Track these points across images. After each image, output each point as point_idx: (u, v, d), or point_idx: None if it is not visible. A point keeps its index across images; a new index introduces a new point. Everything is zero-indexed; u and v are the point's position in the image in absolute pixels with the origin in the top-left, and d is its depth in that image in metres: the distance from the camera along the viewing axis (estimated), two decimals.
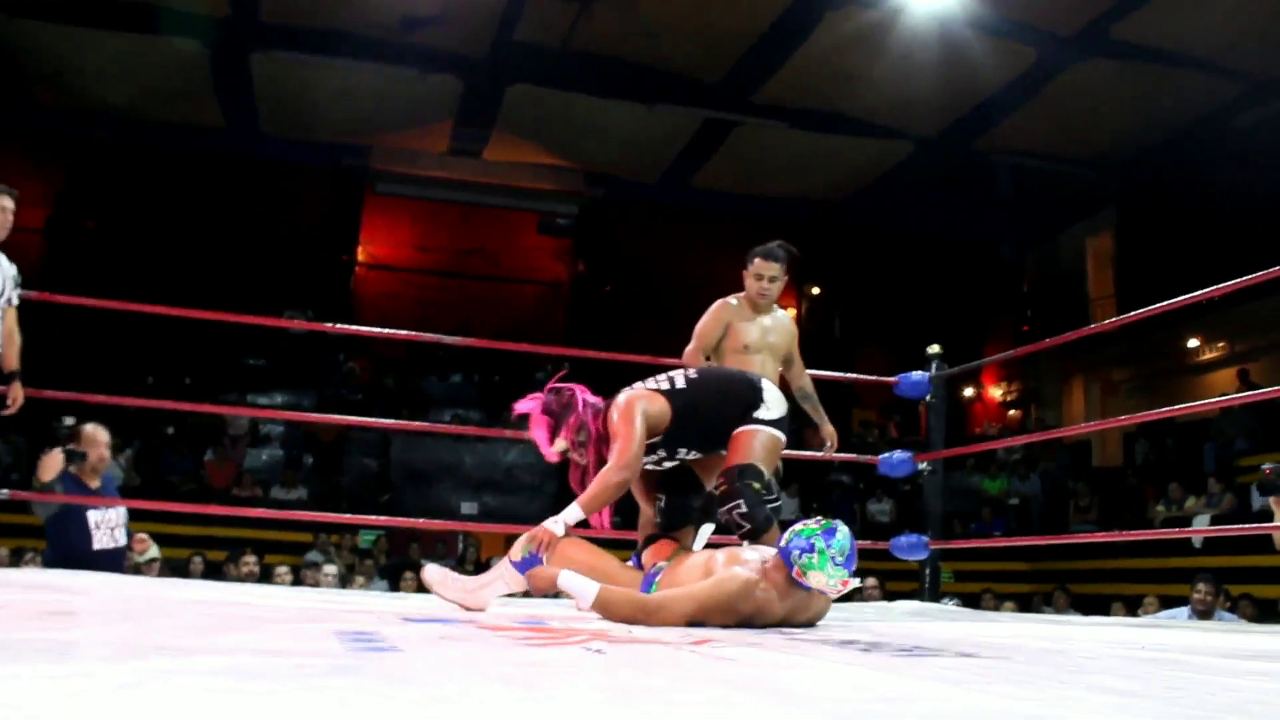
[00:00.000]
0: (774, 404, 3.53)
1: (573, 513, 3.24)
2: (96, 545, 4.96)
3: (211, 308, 5.60)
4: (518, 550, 3.20)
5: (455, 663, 1.75)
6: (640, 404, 3.37)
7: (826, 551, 2.83)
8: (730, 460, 3.44)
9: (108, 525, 5.03)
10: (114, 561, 5.05)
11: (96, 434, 5.11)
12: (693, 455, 3.56)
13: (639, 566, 3.44)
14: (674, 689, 1.55)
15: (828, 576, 2.84)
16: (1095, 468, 15.31)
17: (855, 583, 2.93)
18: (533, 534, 3.21)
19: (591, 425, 3.42)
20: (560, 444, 3.48)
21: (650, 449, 3.42)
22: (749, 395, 3.51)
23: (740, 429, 3.45)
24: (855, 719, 1.33)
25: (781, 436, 3.54)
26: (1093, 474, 14.60)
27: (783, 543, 2.91)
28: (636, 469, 3.34)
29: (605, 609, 2.86)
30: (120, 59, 13.37)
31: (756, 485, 3.39)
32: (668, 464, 3.56)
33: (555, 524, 3.21)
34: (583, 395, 3.49)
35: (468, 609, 3.21)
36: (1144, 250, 15.29)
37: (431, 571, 3.34)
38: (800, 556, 2.84)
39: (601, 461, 3.40)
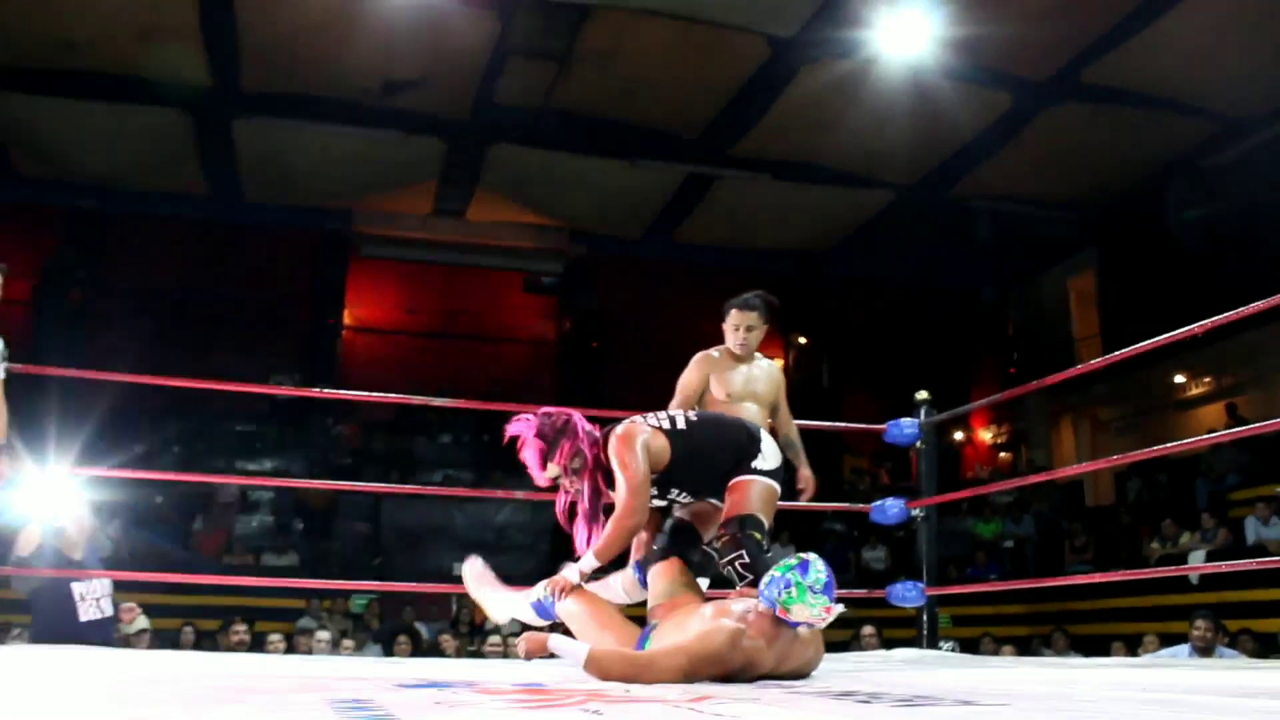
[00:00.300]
0: (770, 454, 3.53)
1: (588, 561, 3.29)
2: (83, 617, 4.89)
3: (199, 375, 5.60)
4: (537, 592, 3.28)
5: None
6: (641, 438, 3.36)
7: (803, 583, 2.85)
8: (730, 511, 3.43)
9: (93, 596, 4.96)
10: (103, 632, 4.98)
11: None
12: (684, 499, 3.54)
13: (641, 578, 3.48)
14: None
15: (809, 607, 2.85)
16: (1088, 507, 15.29)
17: (839, 609, 2.92)
18: (552, 581, 3.28)
19: (588, 452, 3.40)
20: (553, 470, 3.44)
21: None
22: (747, 444, 3.50)
23: (738, 479, 3.45)
24: None
25: (778, 487, 3.54)
26: (1086, 514, 14.58)
27: (761, 587, 2.92)
28: (646, 510, 3.36)
29: (597, 668, 2.84)
30: (103, 129, 13.44)
31: (758, 536, 3.38)
32: (657, 503, 3.53)
33: (572, 571, 3.27)
34: (579, 421, 3.46)
35: (482, 608, 3.44)
36: (1126, 289, 15.38)
37: (472, 565, 3.53)
38: (780, 594, 2.85)
39: (596, 490, 3.40)
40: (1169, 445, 5.23)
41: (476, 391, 13.42)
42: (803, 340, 18.46)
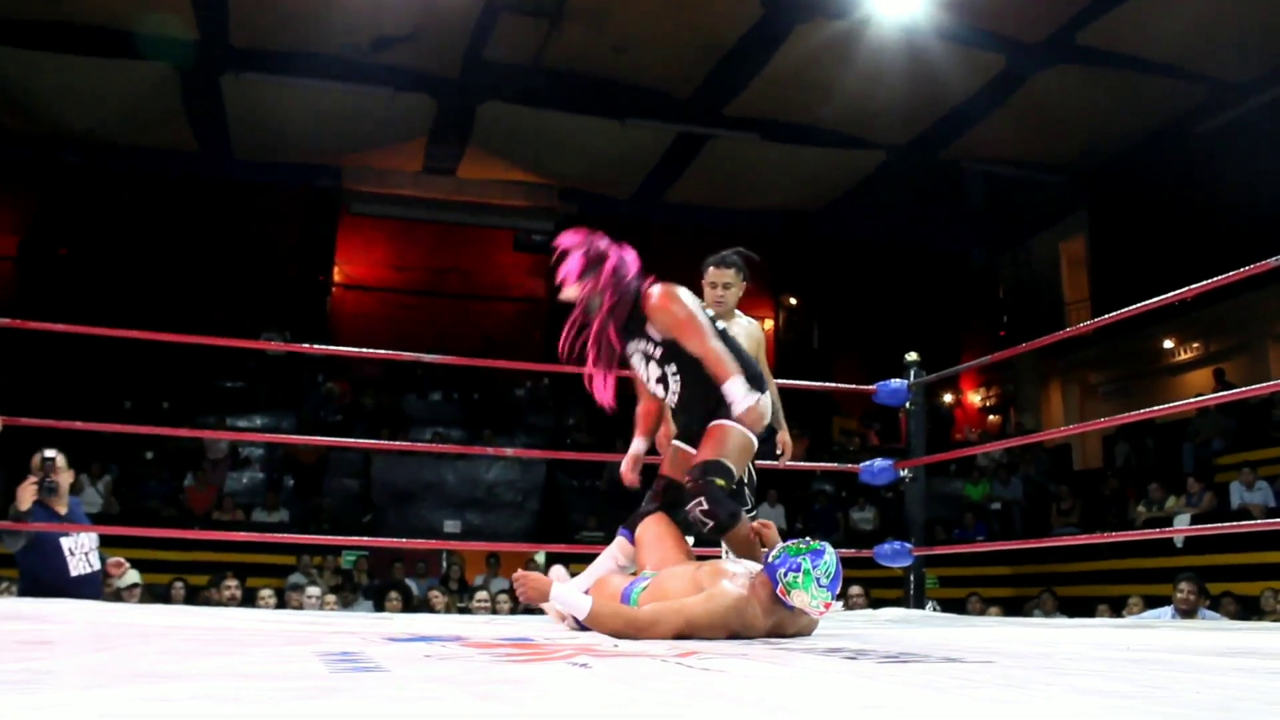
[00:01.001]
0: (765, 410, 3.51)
1: (744, 396, 3.28)
2: (74, 571, 4.91)
3: (188, 331, 5.58)
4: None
5: (439, 681, 1.74)
6: (685, 293, 3.37)
7: (812, 572, 2.83)
8: (699, 455, 3.39)
9: (81, 551, 4.97)
10: (92, 586, 5.00)
11: (55, 459, 5.01)
12: (674, 384, 3.46)
13: (628, 535, 3.47)
14: (659, 702, 1.54)
15: (811, 597, 2.84)
16: (1076, 470, 15.38)
17: (838, 606, 2.93)
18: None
19: (606, 301, 3.36)
20: (572, 292, 3.41)
21: (664, 343, 3.41)
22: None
23: (718, 421, 3.38)
24: None
25: (755, 441, 3.48)
26: (1073, 477, 14.67)
27: (769, 559, 2.91)
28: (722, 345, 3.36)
29: (597, 623, 2.85)
30: (90, 84, 13.31)
31: (720, 481, 3.32)
32: (653, 366, 3.48)
33: (743, 400, 3.28)
34: (616, 261, 3.39)
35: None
36: (1117, 253, 15.40)
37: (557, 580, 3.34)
38: (785, 575, 2.84)
39: (603, 336, 3.37)
40: (1156, 409, 5.26)
41: (466, 349, 13.42)
42: (793, 301, 18.48)
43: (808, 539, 2.93)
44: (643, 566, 3.34)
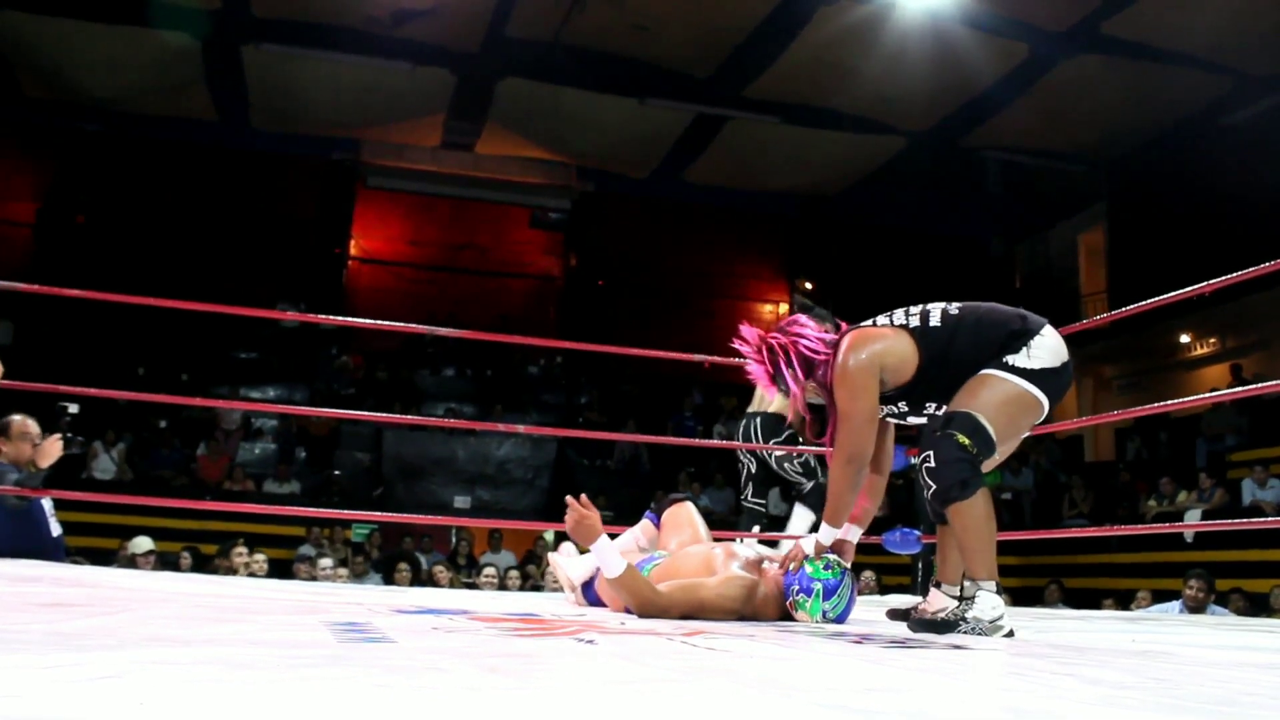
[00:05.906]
0: (1042, 353, 2.88)
1: (827, 533, 2.95)
2: (54, 532, 4.97)
3: (203, 301, 5.59)
4: (780, 564, 2.98)
5: (445, 653, 1.75)
6: (873, 364, 2.89)
7: (821, 604, 2.83)
8: (954, 403, 2.85)
9: (51, 512, 5.00)
10: (61, 548, 5.07)
11: (27, 425, 4.97)
12: (942, 410, 2.92)
13: (655, 519, 3.50)
14: (664, 679, 1.55)
15: (813, 621, 2.85)
16: (1087, 463, 15.34)
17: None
18: (787, 557, 2.97)
19: (796, 388, 2.95)
20: (782, 398, 3.28)
21: (889, 400, 2.93)
22: (1006, 338, 2.87)
23: (983, 371, 2.84)
24: (844, 709, 1.33)
25: (1036, 395, 2.88)
26: (1085, 469, 14.63)
27: (792, 566, 2.90)
28: (868, 453, 2.92)
29: (619, 586, 2.82)
30: (111, 52, 13.31)
31: (962, 438, 2.75)
32: (912, 419, 3.03)
33: (808, 542, 3.00)
34: (798, 350, 2.99)
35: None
36: (1136, 246, 15.32)
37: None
38: (798, 594, 2.85)
39: (817, 419, 3.02)
40: (1169, 403, 5.22)
41: (480, 325, 13.45)
42: (808, 285, 18.44)
43: (834, 563, 2.90)
44: (664, 548, 3.35)
